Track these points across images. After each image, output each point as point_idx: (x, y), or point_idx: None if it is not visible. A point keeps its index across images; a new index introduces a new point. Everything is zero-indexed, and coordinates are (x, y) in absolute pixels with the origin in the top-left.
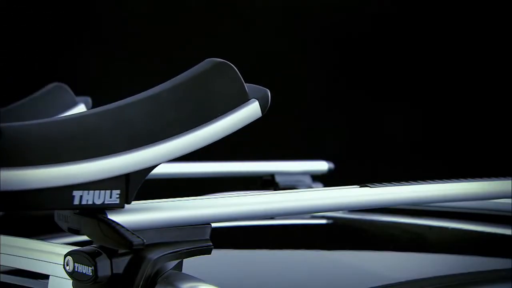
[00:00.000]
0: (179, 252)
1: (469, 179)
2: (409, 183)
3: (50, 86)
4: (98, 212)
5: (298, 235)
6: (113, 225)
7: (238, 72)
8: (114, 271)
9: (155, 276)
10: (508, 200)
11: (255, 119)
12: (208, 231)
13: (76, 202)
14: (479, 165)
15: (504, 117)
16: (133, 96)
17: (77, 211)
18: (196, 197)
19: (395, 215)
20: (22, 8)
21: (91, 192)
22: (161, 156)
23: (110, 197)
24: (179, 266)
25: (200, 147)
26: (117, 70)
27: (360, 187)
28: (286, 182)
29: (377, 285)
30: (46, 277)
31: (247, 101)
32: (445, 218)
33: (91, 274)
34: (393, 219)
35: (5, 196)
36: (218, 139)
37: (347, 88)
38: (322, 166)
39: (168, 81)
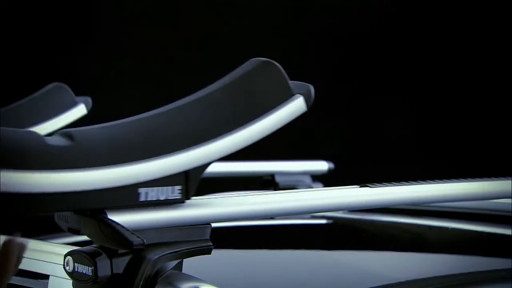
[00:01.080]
0: (179, 252)
1: (469, 179)
2: (409, 183)
3: (50, 86)
4: (162, 204)
5: (298, 235)
6: (113, 225)
7: (282, 69)
8: (114, 271)
9: (155, 276)
10: (508, 200)
11: (300, 113)
12: (208, 231)
13: (142, 198)
14: (479, 165)
15: (504, 117)
16: (188, 97)
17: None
18: (196, 197)
19: (395, 215)
20: (22, 8)
21: (155, 188)
22: (216, 153)
23: (172, 193)
24: (179, 266)
25: (251, 143)
26: (117, 70)
27: (360, 187)
28: (286, 182)
29: (377, 285)
30: (46, 277)
31: (292, 96)
32: (445, 218)
33: (91, 274)
34: (393, 219)
35: (75, 196)
36: (268, 134)
37: (347, 88)
38: (322, 166)
39: (218, 81)
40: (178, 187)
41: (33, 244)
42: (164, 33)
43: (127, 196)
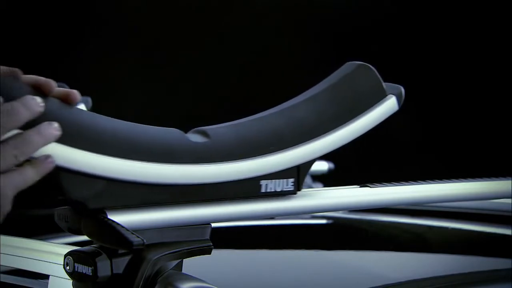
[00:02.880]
0: (179, 252)
1: (469, 179)
2: (409, 183)
3: None
4: (278, 195)
5: (298, 235)
6: (113, 225)
7: (376, 72)
8: (114, 271)
9: (155, 276)
10: (508, 200)
11: (393, 112)
12: (208, 231)
13: (263, 190)
14: (479, 165)
15: (504, 117)
16: (298, 97)
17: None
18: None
19: (395, 215)
20: (22, 8)
21: (273, 181)
22: (323, 149)
23: (287, 185)
24: (179, 266)
25: (351, 140)
26: (117, 70)
27: (360, 187)
28: None
29: (377, 285)
30: (46, 277)
31: (386, 97)
32: (445, 218)
33: (91, 274)
34: (393, 219)
35: (212, 187)
36: (365, 132)
37: None
38: (322, 166)
39: (321, 83)
40: (292, 180)
41: (33, 244)
42: (165, 33)
43: (252, 188)
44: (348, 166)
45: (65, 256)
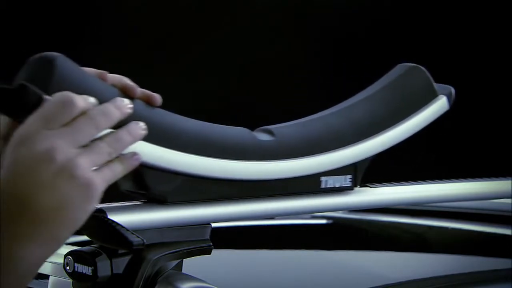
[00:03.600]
0: (179, 252)
1: (469, 179)
2: (409, 183)
3: None
4: (337, 191)
5: (298, 235)
6: (113, 225)
7: (427, 73)
8: (114, 271)
9: (155, 276)
10: (508, 200)
11: (444, 112)
12: (208, 231)
13: (323, 186)
14: (479, 165)
15: (504, 117)
16: (354, 97)
17: None
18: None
19: (395, 215)
20: (22, 8)
21: (332, 177)
22: (379, 147)
23: (345, 181)
24: (179, 266)
25: (404, 139)
26: (117, 70)
27: (360, 187)
28: None
29: (377, 285)
30: (46, 277)
31: (437, 97)
32: (445, 218)
33: (91, 274)
34: (393, 219)
35: (278, 183)
36: (417, 131)
37: (348, 88)
38: None
39: (375, 84)
40: (349, 176)
41: None
42: (165, 33)
43: (313, 184)
44: None
45: (65, 256)
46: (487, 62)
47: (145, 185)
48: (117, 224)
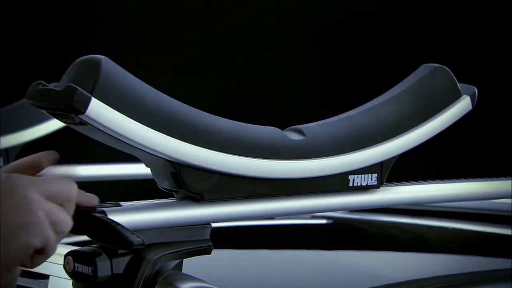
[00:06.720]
0: (179, 252)
1: (469, 179)
2: (409, 183)
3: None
4: (363, 189)
5: (298, 235)
6: (113, 225)
7: (451, 73)
8: (114, 271)
9: (155, 276)
10: (508, 200)
11: (467, 112)
12: (208, 231)
13: (351, 184)
14: (479, 165)
15: (504, 117)
16: (379, 97)
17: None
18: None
19: (395, 215)
20: (22, 8)
21: (360, 176)
22: (404, 146)
23: (371, 180)
24: (179, 266)
25: (428, 138)
26: None
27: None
28: None
29: (377, 285)
30: (46, 277)
31: (460, 97)
32: (445, 218)
33: (91, 274)
34: (393, 219)
35: (307, 181)
36: (441, 130)
37: (348, 88)
38: None
39: (400, 84)
40: (375, 175)
41: None
42: (164, 33)
43: (341, 182)
44: None
45: (65, 256)
46: (487, 62)
47: (182, 183)
48: (117, 224)
